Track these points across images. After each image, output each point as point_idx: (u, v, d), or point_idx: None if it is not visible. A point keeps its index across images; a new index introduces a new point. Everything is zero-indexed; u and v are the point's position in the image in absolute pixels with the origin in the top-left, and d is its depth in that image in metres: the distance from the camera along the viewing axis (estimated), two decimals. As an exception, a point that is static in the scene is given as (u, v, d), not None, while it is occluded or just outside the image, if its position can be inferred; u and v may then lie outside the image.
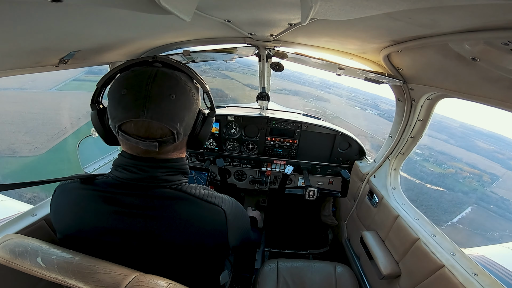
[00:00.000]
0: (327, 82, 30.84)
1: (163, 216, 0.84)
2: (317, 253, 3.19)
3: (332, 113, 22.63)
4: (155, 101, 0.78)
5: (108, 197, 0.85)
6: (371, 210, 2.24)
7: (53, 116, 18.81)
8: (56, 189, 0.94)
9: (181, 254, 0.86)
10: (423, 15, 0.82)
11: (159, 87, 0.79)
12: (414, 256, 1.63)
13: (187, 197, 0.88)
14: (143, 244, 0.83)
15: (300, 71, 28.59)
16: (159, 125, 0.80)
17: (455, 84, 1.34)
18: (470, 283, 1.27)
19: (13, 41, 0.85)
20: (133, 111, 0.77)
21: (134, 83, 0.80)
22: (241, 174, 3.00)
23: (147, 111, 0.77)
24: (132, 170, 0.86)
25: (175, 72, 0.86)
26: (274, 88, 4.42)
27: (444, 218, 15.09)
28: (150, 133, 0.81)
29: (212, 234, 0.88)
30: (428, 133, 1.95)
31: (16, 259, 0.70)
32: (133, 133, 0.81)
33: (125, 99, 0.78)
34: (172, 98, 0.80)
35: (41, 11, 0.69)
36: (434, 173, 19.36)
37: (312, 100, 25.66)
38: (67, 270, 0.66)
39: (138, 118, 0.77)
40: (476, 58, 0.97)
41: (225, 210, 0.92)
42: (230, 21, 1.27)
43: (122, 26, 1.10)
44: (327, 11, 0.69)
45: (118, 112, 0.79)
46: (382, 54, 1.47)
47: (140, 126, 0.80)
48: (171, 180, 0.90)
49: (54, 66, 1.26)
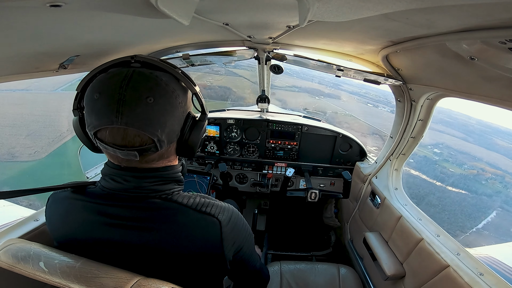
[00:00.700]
0: (337, 78, 30.63)
1: (152, 227, 0.79)
2: (320, 255, 3.17)
3: (343, 111, 21.94)
4: (130, 106, 0.70)
5: (96, 208, 0.81)
6: (373, 211, 2.24)
7: (55, 118, 18.17)
8: (49, 197, 0.91)
9: (176, 265, 0.82)
10: (420, 15, 0.82)
11: (134, 90, 0.71)
12: (418, 257, 1.62)
13: (178, 207, 0.83)
14: (134, 255, 0.80)
15: (308, 69, 28.94)
16: (136, 132, 0.72)
17: (454, 84, 1.34)
18: (476, 283, 1.26)
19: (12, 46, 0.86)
20: (106, 117, 0.70)
21: (107, 86, 0.72)
22: (243, 177, 3.00)
23: (121, 116, 0.69)
24: (118, 180, 0.81)
25: (154, 72, 0.76)
26: (283, 85, 4.40)
27: (469, 224, 14.39)
28: (127, 141, 0.73)
29: (204, 245, 0.82)
30: (446, 131, 1.92)
31: (18, 264, 0.70)
32: (110, 142, 0.74)
33: (98, 104, 0.71)
34: (149, 101, 0.71)
35: (40, 16, 0.70)
36: (455, 174, 18.33)
37: (322, 97, 24.46)
38: (70, 274, 0.66)
39: (112, 125, 0.71)
40: (474, 57, 0.97)
41: (221, 220, 0.84)
42: (228, 24, 1.27)
43: (121, 30, 1.10)
44: (324, 13, 0.70)
45: (92, 118, 0.73)
46: (381, 55, 1.48)
47: (116, 134, 0.73)
48: (160, 190, 0.84)
49: (54, 71, 1.27)
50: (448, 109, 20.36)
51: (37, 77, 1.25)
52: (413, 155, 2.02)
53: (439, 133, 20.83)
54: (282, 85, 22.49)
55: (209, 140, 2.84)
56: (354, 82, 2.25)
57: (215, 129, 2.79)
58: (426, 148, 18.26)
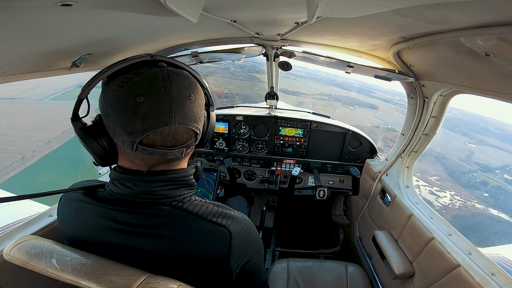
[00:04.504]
0: (366, 84, 26.64)
1: (158, 234, 0.78)
2: (328, 252, 3.16)
3: (386, 125, 19.67)
4: (179, 105, 0.73)
5: (104, 212, 0.81)
6: (383, 209, 2.21)
7: (19, 139, 15.26)
8: (61, 197, 0.93)
9: (179, 273, 0.79)
10: (433, 11, 0.80)
11: (177, 89, 0.74)
12: (429, 256, 1.60)
13: (187, 216, 0.81)
14: (139, 261, 0.78)
15: (336, 74, 23.61)
16: (185, 129, 0.76)
17: (468, 80, 1.31)
18: (487, 283, 1.24)
19: (26, 45, 0.87)
20: (158, 119, 0.70)
21: (149, 88, 0.71)
22: (251, 174, 3.00)
23: (174, 116, 0.71)
24: (127, 184, 0.80)
25: (183, 71, 0.81)
26: (310, 92, 4.13)
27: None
28: (177, 139, 0.76)
29: (210, 256, 0.80)
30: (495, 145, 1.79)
31: (32, 261, 0.72)
32: (159, 144, 0.74)
33: (144, 107, 0.69)
34: (191, 98, 0.76)
35: (52, 15, 0.71)
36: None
37: (357, 107, 22.25)
38: (81, 271, 0.68)
39: (166, 126, 0.71)
40: (489, 53, 0.94)
41: (231, 231, 0.82)
42: (236, 21, 1.27)
43: (131, 29, 1.11)
44: (333, 9, 0.69)
45: (137, 124, 0.70)
46: (392, 51, 1.45)
47: (167, 135, 0.74)
48: (171, 195, 0.82)
49: (67, 70, 1.30)
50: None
51: (50, 76, 1.28)
52: (484, 185, 1.86)
53: (499, 150, 18.96)
54: (309, 92, 20.82)
55: (218, 137, 2.85)
56: (386, 88, 2.19)
57: (224, 126, 2.80)
58: (494, 173, 16.72)
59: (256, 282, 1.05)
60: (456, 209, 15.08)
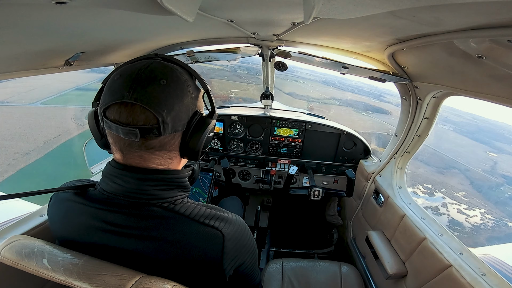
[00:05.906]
0: (376, 88, 25.64)
1: (149, 236, 0.77)
2: (322, 252, 3.18)
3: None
4: (143, 84, 0.72)
5: (95, 213, 0.80)
6: (376, 209, 2.23)
7: None
8: (52, 197, 0.91)
9: (171, 275, 0.78)
10: (427, 13, 0.81)
11: (150, 72, 0.74)
12: (421, 256, 1.62)
13: (179, 218, 0.80)
14: (130, 262, 0.77)
15: (345, 77, 23.20)
16: (141, 109, 0.71)
17: (461, 82, 1.33)
18: (477, 283, 1.26)
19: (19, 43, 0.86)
20: (119, 92, 0.72)
21: (129, 70, 0.76)
22: (246, 174, 3.00)
23: (132, 92, 0.70)
24: (118, 181, 0.79)
25: (172, 64, 0.81)
26: (321, 97, 4.02)
27: None
28: (132, 118, 0.72)
29: (203, 258, 0.79)
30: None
31: (22, 261, 0.70)
32: (115, 119, 0.73)
33: (116, 83, 0.74)
34: (162, 83, 0.74)
35: (46, 13, 0.70)
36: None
37: (370, 112, 21.26)
38: (72, 271, 0.66)
39: (122, 100, 0.71)
40: (482, 56, 0.95)
41: (224, 234, 0.81)
42: (233, 21, 1.27)
43: (126, 27, 1.10)
44: (330, 10, 0.69)
45: (106, 96, 0.74)
46: (387, 53, 1.46)
47: (123, 110, 0.72)
48: (162, 196, 0.81)
49: (60, 68, 1.28)
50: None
51: (43, 74, 1.26)
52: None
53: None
54: (320, 97, 20.11)
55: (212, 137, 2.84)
56: (395, 92, 2.15)
57: (219, 126, 2.79)
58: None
59: (250, 284, 1.04)
60: (489, 230, 14.59)
